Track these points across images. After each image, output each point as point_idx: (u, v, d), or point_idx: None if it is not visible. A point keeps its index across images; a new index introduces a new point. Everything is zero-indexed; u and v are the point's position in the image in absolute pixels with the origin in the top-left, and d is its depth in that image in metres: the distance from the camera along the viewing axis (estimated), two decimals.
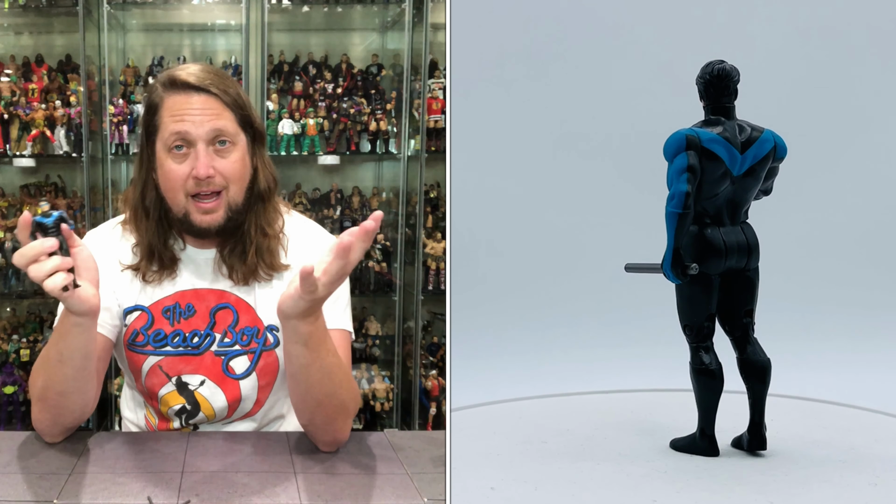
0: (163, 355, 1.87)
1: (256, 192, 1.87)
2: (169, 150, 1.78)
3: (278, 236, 1.91)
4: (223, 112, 1.80)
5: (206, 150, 1.77)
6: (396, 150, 3.70)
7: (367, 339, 3.73)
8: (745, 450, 2.31)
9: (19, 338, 3.56)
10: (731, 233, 2.28)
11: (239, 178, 1.82)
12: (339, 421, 1.75)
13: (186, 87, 1.78)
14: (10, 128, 3.54)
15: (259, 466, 1.67)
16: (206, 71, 1.83)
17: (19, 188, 3.72)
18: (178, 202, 1.80)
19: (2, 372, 3.48)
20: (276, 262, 1.89)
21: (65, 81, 3.62)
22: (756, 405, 2.30)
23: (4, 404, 3.45)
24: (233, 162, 1.81)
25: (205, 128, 1.77)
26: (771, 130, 2.30)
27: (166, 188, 1.81)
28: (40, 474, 1.58)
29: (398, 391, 3.69)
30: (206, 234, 1.83)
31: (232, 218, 1.82)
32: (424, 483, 1.61)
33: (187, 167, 1.77)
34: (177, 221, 1.83)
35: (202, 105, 1.78)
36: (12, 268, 3.53)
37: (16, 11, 3.58)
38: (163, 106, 1.79)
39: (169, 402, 1.89)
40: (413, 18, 3.55)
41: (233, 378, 1.89)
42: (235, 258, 1.86)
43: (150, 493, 1.50)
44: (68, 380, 1.65)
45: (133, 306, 1.88)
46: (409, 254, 3.71)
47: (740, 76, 2.29)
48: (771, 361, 2.30)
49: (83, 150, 3.51)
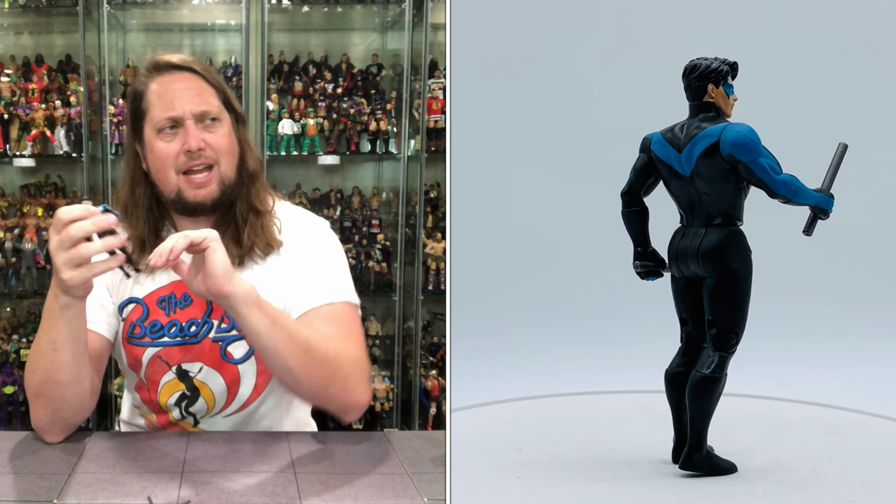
0: (161, 346, 1.88)
1: (246, 171, 1.90)
2: (158, 132, 1.82)
3: (271, 213, 1.93)
4: (207, 89, 1.85)
5: (196, 125, 1.82)
6: (396, 150, 3.70)
7: (367, 339, 3.73)
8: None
9: (19, 338, 3.56)
10: (689, 236, 2.21)
11: (228, 153, 1.86)
12: (337, 381, 1.74)
13: (170, 67, 1.85)
14: (10, 128, 3.54)
15: (259, 466, 1.66)
16: (186, 55, 1.91)
17: (19, 188, 3.72)
18: (169, 182, 1.83)
19: (2, 372, 3.48)
20: (272, 237, 1.90)
21: (65, 81, 3.62)
22: (679, 417, 2.27)
23: (4, 404, 3.45)
24: (221, 136, 1.85)
25: (192, 104, 1.82)
26: (732, 127, 2.17)
27: (157, 169, 1.84)
28: (40, 474, 1.58)
29: (398, 391, 3.69)
30: (201, 209, 1.85)
31: (225, 192, 1.85)
32: (424, 483, 1.61)
33: (177, 144, 1.81)
34: (170, 203, 1.85)
35: (187, 84, 1.84)
36: (12, 268, 3.53)
37: (16, 11, 3.58)
38: (148, 90, 1.84)
39: (169, 390, 1.90)
40: (413, 18, 3.55)
41: (231, 363, 1.89)
42: (230, 240, 1.86)
43: (150, 493, 1.50)
44: (64, 368, 1.65)
45: (128, 299, 1.89)
46: (409, 254, 3.71)
47: (702, 76, 2.21)
48: (703, 381, 2.17)
49: (83, 150, 3.51)
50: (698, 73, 2.22)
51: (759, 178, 2.14)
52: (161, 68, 1.85)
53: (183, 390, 1.90)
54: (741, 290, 2.18)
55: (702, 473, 2.17)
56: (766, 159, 2.14)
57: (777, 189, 2.15)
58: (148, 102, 1.83)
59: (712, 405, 2.19)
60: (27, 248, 3.54)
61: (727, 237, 2.18)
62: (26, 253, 3.53)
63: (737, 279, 2.18)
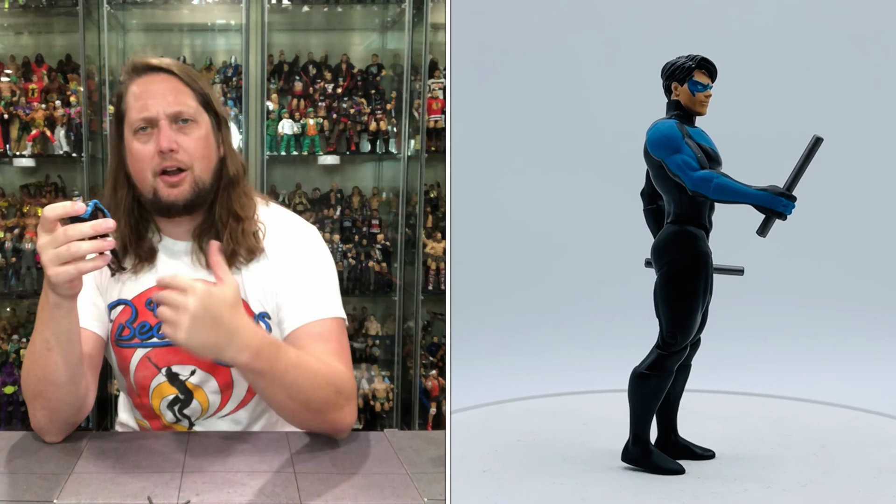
0: (150, 347, 1.88)
1: (226, 176, 1.90)
2: (135, 133, 1.83)
3: (252, 219, 1.92)
4: (183, 90, 1.86)
5: (169, 126, 1.82)
6: (396, 150, 3.70)
7: (367, 339, 3.73)
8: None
9: (19, 338, 3.56)
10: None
11: (202, 157, 1.86)
12: (330, 416, 1.75)
13: (147, 69, 1.86)
14: (10, 128, 3.54)
15: (259, 466, 1.66)
16: (168, 59, 1.92)
17: (19, 188, 3.72)
18: (146, 182, 1.84)
19: (2, 372, 3.48)
20: (255, 244, 1.90)
21: (65, 81, 3.62)
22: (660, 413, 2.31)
23: (4, 404, 3.46)
24: (195, 139, 1.85)
25: (165, 105, 1.82)
26: (655, 125, 2.19)
27: (135, 170, 1.85)
28: (40, 474, 1.58)
29: (398, 391, 3.69)
30: (175, 209, 1.85)
31: (199, 195, 1.85)
32: (424, 483, 1.61)
33: (153, 145, 1.82)
34: (148, 203, 1.86)
35: (163, 85, 1.85)
36: (12, 268, 3.53)
37: (16, 11, 3.58)
38: (127, 92, 1.86)
39: (161, 393, 1.89)
40: (413, 18, 3.55)
41: (224, 365, 1.87)
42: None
43: (150, 493, 1.50)
44: (59, 368, 1.65)
45: (116, 301, 1.89)
46: (409, 254, 3.71)
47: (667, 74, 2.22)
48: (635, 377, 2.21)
49: (83, 150, 3.51)
50: (664, 71, 2.24)
51: (675, 174, 2.13)
52: (140, 70, 1.87)
53: (175, 394, 1.89)
54: (679, 291, 2.15)
55: (642, 469, 2.19)
56: (681, 156, 2.11)
57: (691, 186, 2.11)
58: (126, 104, 1.85)
59: (647, 402, 2.20)
60: (27, 248, 3.53)
61: (672, 235, 2.17)
62: (26, 253, 3.53)
63: (675, 279, 2.15)
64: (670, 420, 2.30)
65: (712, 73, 2.21)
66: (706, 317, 2.26)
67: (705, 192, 2.09)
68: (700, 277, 2.15)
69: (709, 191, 2.08)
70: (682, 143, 2.12)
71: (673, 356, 2.18)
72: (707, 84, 2.20)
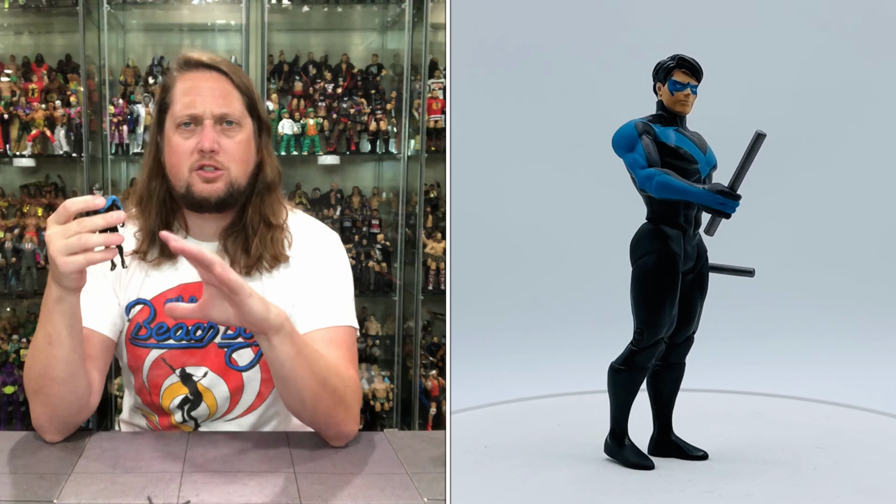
0: (166, 348, 1.88)
1: (262, 181, 1.91)
2: (178, 127, 1.84)
3: (282, 227, 1.93)
4: (232, 92, 1.86)
5: (213, 127, 1.83)
6: (396, 150, 3.70)
7: (367, 339, 3.73)
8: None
9: (19, 338, 3.56)
10: None
11: (241, 161, 1.86)
12: (339, 412, 1.75)
13: (199, 65, 1.86)
14: (10, 128, 3.54)
15: (259, 466, 1.67)
16: (219, 56, 1.93)
17: (19, 188, 3.72)
18: (181, 177, 1.84)
19: (2, 372, 3.48)
20: (280, 252, 1.91)
21: (65, 81, 3.62)
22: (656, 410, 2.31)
23: (4, 404, 3.46)
24: (237, 143, 1.85)
25: (213, 105, 1.83)
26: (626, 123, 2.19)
27: (171, 163, 1.85)
28: (40, 474, 1.58)
29: (398, 391, 3.69)
30: (206, 204, 1.84)
31: (232, 195, 1.85)
32: (424, 483, 1.61)
33: (193, 142, 1.82)
34: (180, 198, 1.86)
35: (213, 84, 1.85)
36: (12, 268, 3.53)
37: (16, 11, 3.58)
38: (175, 85, 1.86)
39: (172, 393, 1.90)
40: (413, 18, 3.55)
41: (236, 370, 1.89)
42: (238, 248, 1.88)
43: (150, 493, 1.50)
44: (59, 363, 1.65)
45: (135, 300, 1.89)
46: (409, 254, 3.71)
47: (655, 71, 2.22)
48: (609, 371, 2.22)
49: (83, 150, 3.51)
50: (652, 71, 2.24)
51: (629, 172, 2.14)
52: (191, 65, 1.87)
53: (186, 394, 1.90)
54: (647, 289, 2.15)
55: (617, 462, 2.21)
56: (632, 154, 2.11)
57: (638, 184, 2.12)
58: (172, 97, 1.85)
59: (621, 396, 2.21)
60: (27, 248, 3.53)
61: (640, 232, 2.18)
62: (26, 253, 3.53)
63: (643, 277, 2.15)
64: (665, 418, 2.31)
65: (696, 72, 2.17)
66: (696, 316, 2.24)
67: (649, 190, 2.09)
68: (666, 276, 2.14)
69: (651, 188, 2.08)
70: (637, 142, 2.11)
71: (642, 352, 2.18)
72: (686, 83, 2.17)
